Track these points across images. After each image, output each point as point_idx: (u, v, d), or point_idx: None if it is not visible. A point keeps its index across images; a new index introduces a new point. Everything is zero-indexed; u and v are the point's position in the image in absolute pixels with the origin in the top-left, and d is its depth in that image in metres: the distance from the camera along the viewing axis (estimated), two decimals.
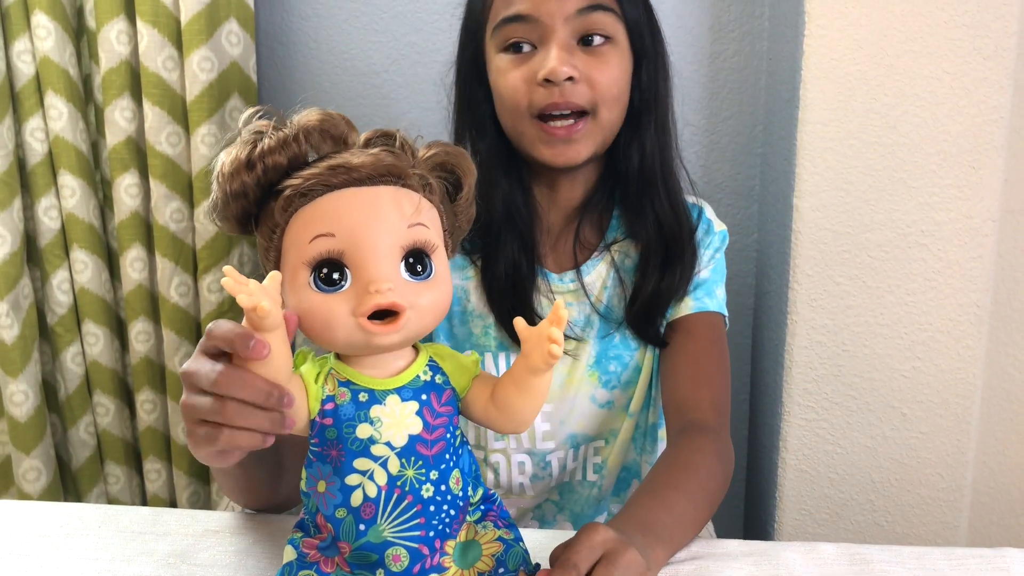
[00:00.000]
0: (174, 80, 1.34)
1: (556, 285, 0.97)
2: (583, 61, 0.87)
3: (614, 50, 0.89)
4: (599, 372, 0.99)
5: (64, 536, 0.77)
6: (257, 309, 0.49)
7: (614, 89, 0.88)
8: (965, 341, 1.18)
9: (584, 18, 0.86)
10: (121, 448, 1.51)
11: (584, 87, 0.87)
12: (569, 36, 0.87)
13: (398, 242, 0.54)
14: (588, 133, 0.89)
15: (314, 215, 0.54)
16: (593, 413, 1.00)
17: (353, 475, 0.56)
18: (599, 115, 0.89)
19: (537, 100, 0.87)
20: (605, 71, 0.87)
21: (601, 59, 0.88)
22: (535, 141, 0.89)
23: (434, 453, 0.57)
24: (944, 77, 1.11)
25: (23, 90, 1.34)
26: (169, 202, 1.37)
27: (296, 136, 0.55)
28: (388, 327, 0.54)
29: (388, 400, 0.57)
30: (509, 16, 0.87)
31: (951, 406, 1.21)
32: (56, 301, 1.42)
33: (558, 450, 1.00)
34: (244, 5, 1.34)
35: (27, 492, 1.43)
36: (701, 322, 0.96)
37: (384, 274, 0.53)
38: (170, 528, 0.78)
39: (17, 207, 1.36)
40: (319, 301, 0.54)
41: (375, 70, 1.43)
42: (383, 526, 0.56)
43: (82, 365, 1.46)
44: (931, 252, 1.16)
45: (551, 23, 0.86)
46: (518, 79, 0.88)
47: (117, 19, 1.32)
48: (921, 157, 1.14)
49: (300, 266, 0.54)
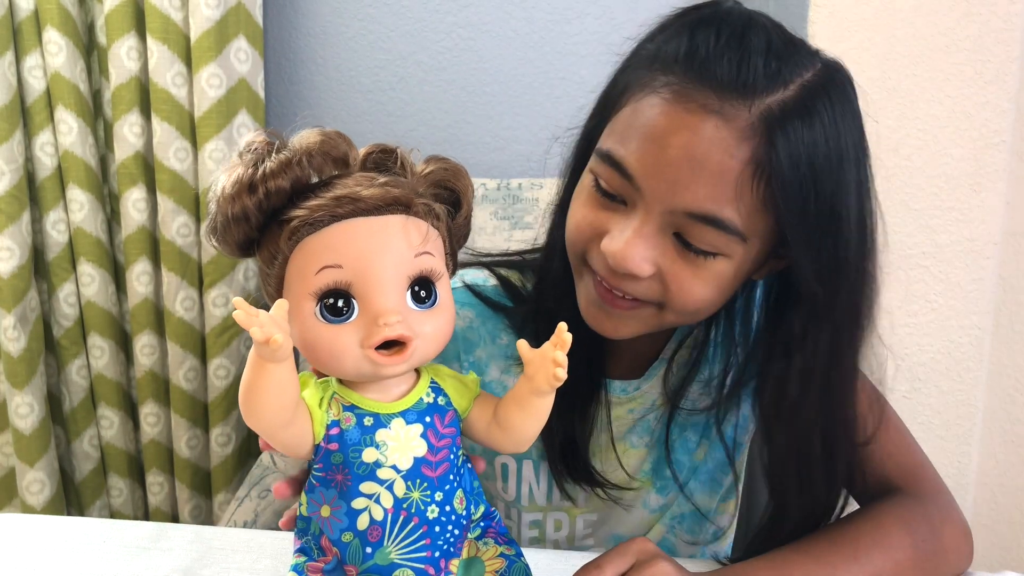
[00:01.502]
0: (183, 96, 1.35)
1: (617, 397, 0.81)
2: (671, 260, 0.64)
3: (722, 264, 0.64)
4: (654, 479, 0.85)
5: (68, 551, 0.78)
6: (270, 342, 0.49)
7: (693, 304, 0.66)
8: (966, 363, 1.19)
9: (689, 222, 0.62)
10: (124, 461, 1.51)
11: (654, 284, 0.65)
12: (661, 224, 0.63)
13: (405, 272, 0.54)
14: (643, 319, 0.68)
15: (321, 246, 0.54)
16: (644, 519, 0.87)
17: (360, 499, 0.56)
18: (664, 314, 0.67)
19: (593, 259, 0.67)
20: (694, 285, 0.64)
21: (695, 269, 0.64)
22: (581, 287, 0.71)
23: (438, 474, 0.57)
24: (946, 101, 1.12)
25: (34, 105, 1.35)
26: (176, 217, 1.38)
27: (299, 160, 0.54)
28: (396, 357, 0.54)
29: (393, 424, 0.57)
30: (610, 154, 0.65)
31: (952, 427, 1.21)
32: (62, 314, 1.43)
33: (597, 547, 0.89)
34: (253, 23, 1.35)
35: (30, 504, 1.43)
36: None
37: (392, 305, 0.53)
38: (174, 544, 0.78)
39: (26, 220, 1.37)
40: (326, 332, 0.54)
41: (381, 87, 1.45)
42: (390, 548, 0.56)
43: (87, 378, 1.47)
44: (932, 274, 1.17)
45: (650, 200, 0.63)
46: (587, 223, 0.67)
47: (127, 35, 1.33)
48: (923, 180, 1.14)
49: (305, 296, 0.54)
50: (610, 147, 0.65)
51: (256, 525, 1.08)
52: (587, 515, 0.88)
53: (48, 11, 1.31)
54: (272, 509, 1.11)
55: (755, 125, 0.59)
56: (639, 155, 0.62)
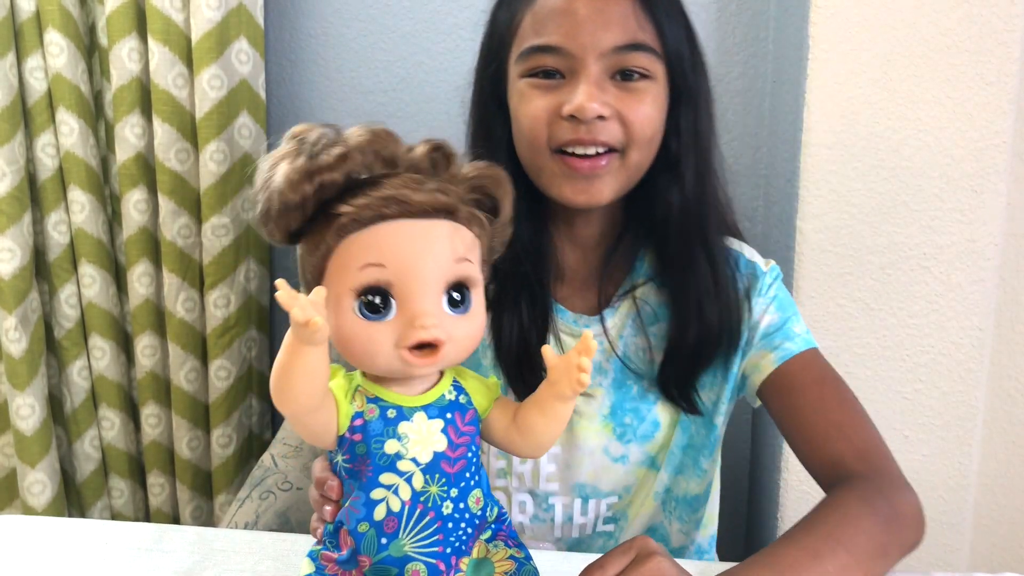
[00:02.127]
0: (184, 97, 1.36)
1: (569, 326, 0.90)
2: (616, 97, 0.79)
3: (651, 87, 0.81)
4: (613, 424, 0.91)
5: (70, 553, 0.78)
6: (310, 324, 0.50)
7: (648, 129, 0.81)
8: (967, 364, 1.19)
9: (621, 56, 0.79)
10: (125, 462, 1.51)
11: (615, 125, 0.79)
12: (603, 71, 0.79)
13: (444, 276, 0.56)
14: (614, 171, 0.81)
15: (366, 243, 0.55)
16: (605, 466, 0.91)
17: (378, 489, 0.58)
18: (628, 156, 0.81)
19: (560, 134, 0.80)
20: (640, 109, 0.80)
21: (636, 96, 0.80)
22: (555, 177, 0.82)
23: (456, 471, 0.59)
24: (947, 102, 1.12)
25: (35, 106, 1.36)
26: (177, 218, 1.38)
27: (351, 154, 0.55)
28: (428, 359, 0.55)
29: (415, 417, 0.58)
30: (538, 46, 0.80)
31: (953, 428, 1.21)
32: (64, 315, 1.43)
33: (563, 495, 0.93)
34: (254, 24, 1.35)
35: (31, 505, 1.43)
36: (795, 371, 0.86)
37: (429, 309, 0.55)
38: (176, 546, 0.79)
39: (27, 221, 1.37)
40: (362, 328, 0.55)
41: (383, 89, 1.45)
42: (405, 541, 0.58)
43: (88, 379, 1.47)
44: (933, 275, 1.17)
45: (584, 56, 0.78)
46: (541, 109, 0.80)
47: (129, 37, 1.33)
48: (924, 181, 1.14)
49: (346, 291, 0.55)
50: (532, 42, 0.81)
51: (257, 526, 1.08)
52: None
53: (49, 12, 1.31)
54: (273, 511, 1.11)
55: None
56: (560, 31, 0.79)
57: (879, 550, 0.72)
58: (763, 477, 1.38)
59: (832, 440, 0.82)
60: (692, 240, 0.86)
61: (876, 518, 0.73)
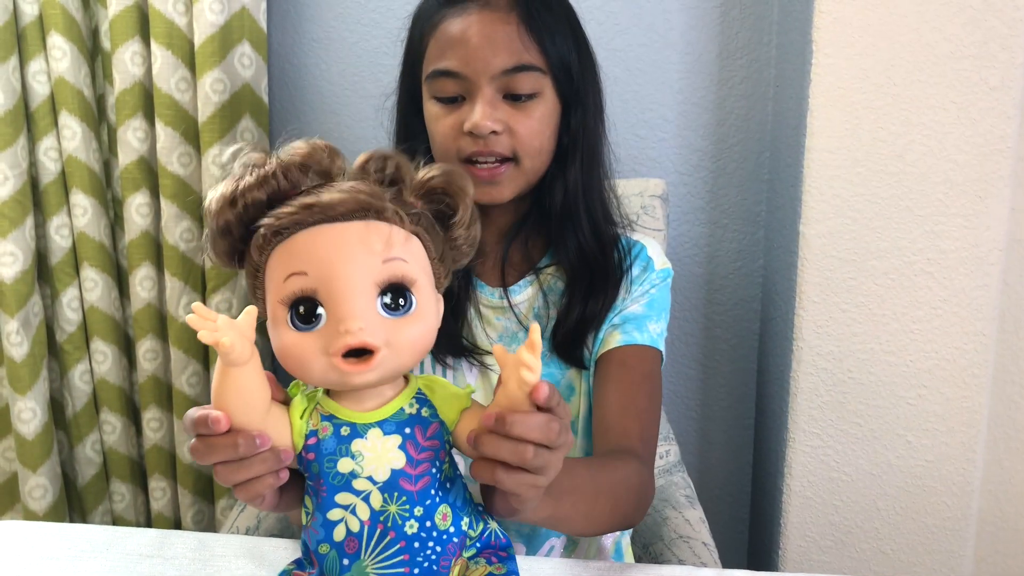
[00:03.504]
0: (186, 101, 1.36)
1: (487, 299, 0.99)
2: (508, 114, 0.90)
3: (538, 104, 0.91)
4: None
5: (71, 558, 0.78)
6: (219, 345, 0.50)
7: (535, 141, 0.92)
8: (971, 369, 1.19)
9: (509, 78, 0.89)
10: (127, 466, 1.51)
11: (506, 138, 0.90)
12: (495, 92, 0.90)
13: (372, 278, 0.54)
14: (510, 177, 0.92)
15: (288, 253, 0.54)
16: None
17: (335, 510, 0.56)
18: (522, 163, 0.92)
19: (464, 147, 0.91)
20: (527, 124, 0.91)
21: (524, 112, 0.91)
22: None
23: (418, 488, 0.56)
24: (951, 107, 1.12)
25: (38, 110, 1.36)
26: (179, 222, 1.38)
27: (275, 172, 0.55)
28: (361, 366, 0.53)
29: (370, 434, 0.56)
30: (440, 70, 0.91)
31: (956, 434, 1.21)
32: (65, 319, 1.43)
33: None
34: (257, 28, 1.35)
35: (33, 509, 1.43)
36: (632, 355, 0.96)
37: (356, 312, 0.53)
38: (177, 552, 0.78)
39: (29, 225, 1.37)
40: (294, 340, 0.54)
41: (385, 93, 1.44)
42: (367, 562, 0.56)
43: (90, 383, 1.47)
44: (937, 280, 1.16)
45: (477, 80, 0.89)
46: (448, 127, 0.91)
47: (132, 41, 1.33)
48: (928, 186, 1.14)
49: (278, 304, 0.55)
50: (435, 67, 0.91)
51: (258, 531, 1.08)
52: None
53: (52, 16, 1.31)
54: (275, 516, 1.11)
55: (509, 2, 0.90)
56: (455, 57, 0.89)
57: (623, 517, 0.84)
58: (766, 483, 1.37)
59: (630, 417, 0.92)
60: (578, 222, 0.96)
61: (638, 495, 0.86)
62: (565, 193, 0.96)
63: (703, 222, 1.44)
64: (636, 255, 1.00)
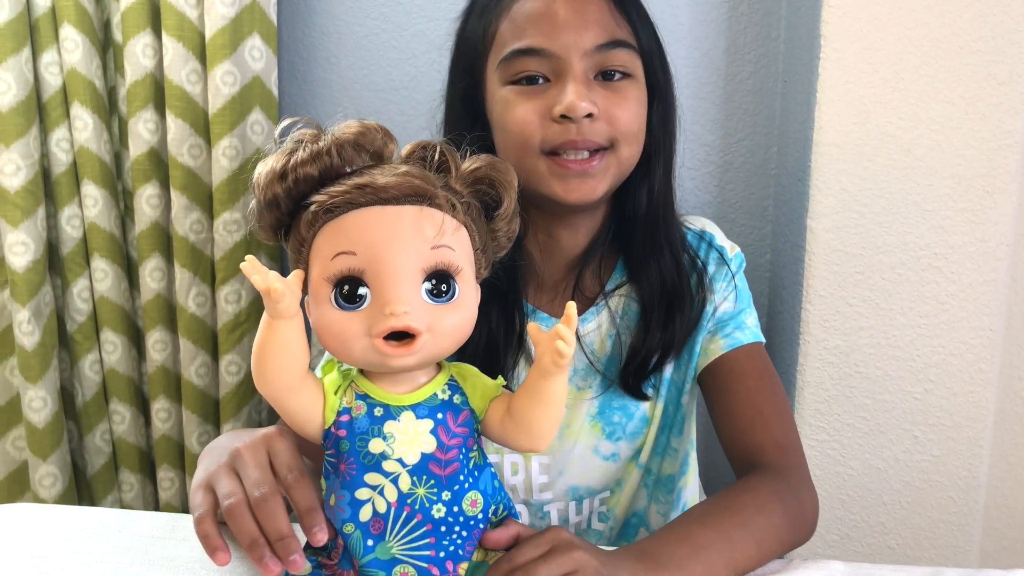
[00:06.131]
0: (197, 93, 1.36)
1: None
2: (602, 96, 0.81)
3: (633, 85, 0.84)
4: (602, 423, 0.92)
5: (84, 540, 0.78)
6: (270, 292, 0.50)
7: (634, 126, 0.84)
8: (978, 364, 1.19)
9: (604, 54, 0.81)
10: (136, 456, 1.52)
11: (603, 124, 0.81)
12: (586, 71, 0.81)
13: (419, 263, 0.54)
14: (605, 168, 0.83)
15: (337, 232, 0.55)
16: (596, 466, 0.93)
17: (363, 489, 0.56)
18: (619, 151, 0.83)
19: (551, 136, 0.81)
20: (626, 107, 0.82)
21: (621, 94, 0.83)
22: (546, 177, 0.83)
23: (447, 473, 0.57)
24: (959, 102, 1.12)
25: (50, 101, 1.36)
26: (189, 213, 1.39)
27: (329, 149, 0.55)
28: (403, 349, 0.54)
29: (403, 416, 0.57)
30: (521, 49, 0.81)
31: (963, 429, 1.21)
32: (76, 309, 1.44)
33: (557, 501, 0.93)
34: (267, 21, 1.36)
35: (42, 498, 1.44)
36: (742, 359, 0.89)
37: (402, 296, 0.53)
38: (188, 534, 0.79)
39: (41, 216, 1.38)
40: (337, 318, 0.54)
41: (394, 87, 1.45)
42: (391, 543, 0.56)
43: (99, 373, 1.48)
44: (944, 275, 1.17)
45: (568, 57, 0.80)
46: (530, 113, 0.81)
47: (143, 33, 1.34)
48: (935, 180, 1.14)
49: (322, 282, 0.55)
50: (514, 46, 0.81)
51: None
52: (540, 457, 0.91)
53: (65, 8, 1.32)
54: None
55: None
56: (541, 33, 0.80)
57: (779, 544, 0.75)
58: None
59: (757, 428, 0.84)
60: (658, 237, 0.89)
61: (785, 514, 0.76)
62: (649, 202, 0.87)
63: (710, 216, 1.44)
64: (706, 251, 0.93)
